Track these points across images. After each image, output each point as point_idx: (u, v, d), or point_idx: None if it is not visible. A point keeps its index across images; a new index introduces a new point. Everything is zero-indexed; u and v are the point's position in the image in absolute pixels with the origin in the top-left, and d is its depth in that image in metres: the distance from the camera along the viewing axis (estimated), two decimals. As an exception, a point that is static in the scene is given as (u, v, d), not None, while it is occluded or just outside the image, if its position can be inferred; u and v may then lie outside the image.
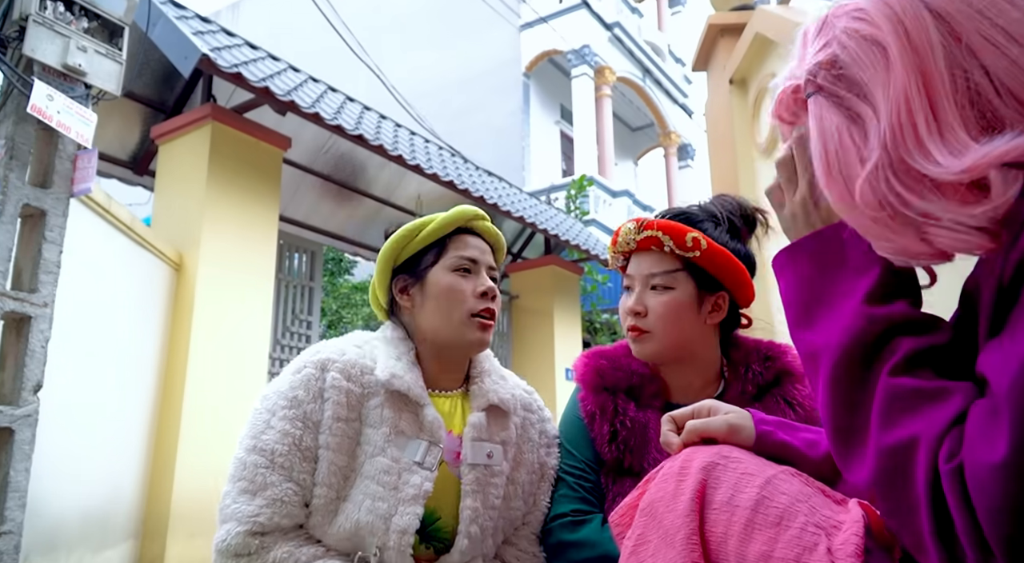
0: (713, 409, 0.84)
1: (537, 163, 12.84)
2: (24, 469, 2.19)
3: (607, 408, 1.24)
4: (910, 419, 0.53)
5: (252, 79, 4.09)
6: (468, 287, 1.20)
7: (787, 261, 0.71)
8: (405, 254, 1.24)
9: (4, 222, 2.22)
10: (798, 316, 0.68)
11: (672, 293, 1.22)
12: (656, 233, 1.23)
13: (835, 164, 0.60)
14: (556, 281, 7.27)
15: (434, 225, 1.23)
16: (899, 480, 0.53)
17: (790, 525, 0.59)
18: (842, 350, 0.60)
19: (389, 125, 5.95)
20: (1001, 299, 0.53)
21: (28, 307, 2.25)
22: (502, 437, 1.22)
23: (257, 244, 4.38)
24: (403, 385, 1.14)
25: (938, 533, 0.50)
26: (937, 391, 0.54)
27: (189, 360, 3.83)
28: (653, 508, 0.65)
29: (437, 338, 1.21)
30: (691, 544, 0.60)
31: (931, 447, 0.51)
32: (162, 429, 3.84)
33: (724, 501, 0.62)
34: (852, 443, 0.58)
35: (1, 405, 2.18)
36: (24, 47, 2.26)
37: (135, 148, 5.27)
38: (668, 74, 15.70)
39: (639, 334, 1.24)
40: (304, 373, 1.14)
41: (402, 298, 1.24)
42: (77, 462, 3.07)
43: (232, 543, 1.04)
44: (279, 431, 1.09)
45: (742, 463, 0.66)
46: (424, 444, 1.13)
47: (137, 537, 3.68)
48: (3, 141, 2.29)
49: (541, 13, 12.87)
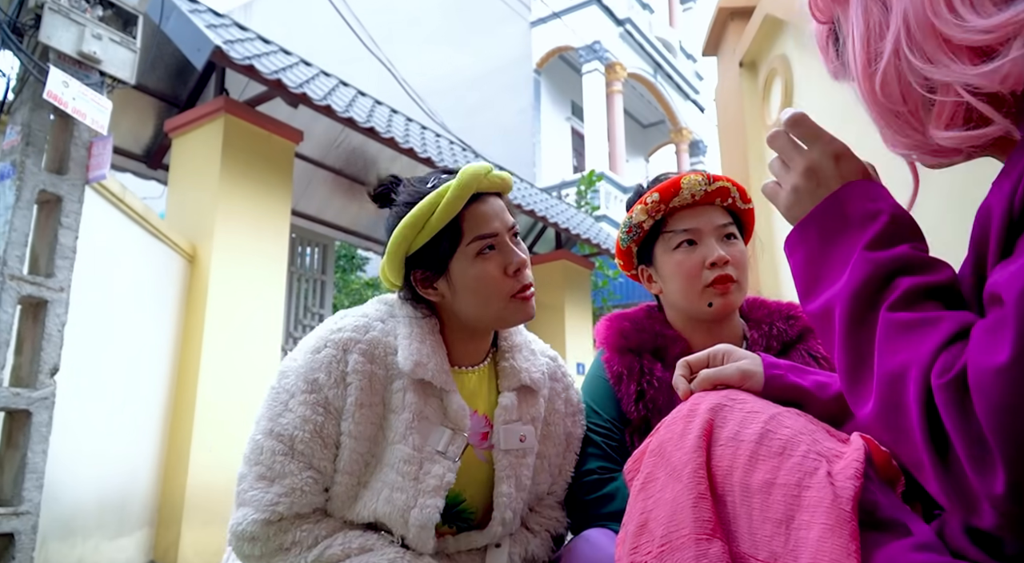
0: (728, 354, 0.84)
1: (548, 159, 12.84)
2: (41, 451, 2.22)
3: (634, 368, 1.24)
4: (904, 346, 0.55)
5: (264, 72, 4.11)
6: (498, 270, 1.09)
7: (798, 239, 0.70)
8: (416, 245, 1.10)
9: (21, 207, 2.25)
10: (808, 286, 0.68)
11: (738, 243, 1.28)
12: (728, 185, 1.27)
13: (873, 56, 0.62)
14: (567, 276, 7.26)
15: (441, 210, 1.08)
16: (895, 405, 0.54)
17: (792, 454, 0.60)
18: (849, 295, 0.61)
19: (400, 119, 5.97)
20: (1011, 226, 0.54)
21: (45, 291, 2.28)
22: (532, 414, 1.17)
23: (270, 237, 4.41)
24: (427, 373, 1.06)
25: (933, 446, 0.52)
26: (931, 319, 0.56)
27: (203, 351, 3.87)
28: (662, 448, 0.66)
29: (478, 323, 1.13)
30: (698, 477, 0.60)
31: (922, 368, 0.53)
32: (176, 419, 3.87)
33: (730, 437, 0.63)
34: (859, 381, 0.59)
35: (19, 387, 2.21)
36: (40, 34, 2.29)
37: (149, 142, 5.31)
38: (679, 70, 15.65)
39: (731, 282, 1.23)
40: (325, 354, 1.06)
41: (428, 293, 1.13)
42: (94, 449, 3.11)
43: (248, 529, 1.01)
44: (299, 416, 1.04)
45: (748, 403, 0.66)
46: (448, 433, 1.07)
47: (152, 525, 3.72)
48: (19, 127, 2.32)
49: (553, 8, 12.86)
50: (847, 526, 0.54)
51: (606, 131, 13.07)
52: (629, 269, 1.38)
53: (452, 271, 1.10)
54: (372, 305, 1.17)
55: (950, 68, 0.56)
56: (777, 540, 0.56)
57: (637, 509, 0.64)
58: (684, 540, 0.59)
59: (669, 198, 1.26)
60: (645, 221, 1.29)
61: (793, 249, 0.70)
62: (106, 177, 2.49)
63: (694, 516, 0.59)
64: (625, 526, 0.65)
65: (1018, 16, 0.53)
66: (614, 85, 13.54)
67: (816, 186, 0.69)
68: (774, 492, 0.58)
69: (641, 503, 0.64)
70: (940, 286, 0.59)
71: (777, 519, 0.57)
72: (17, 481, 2.18)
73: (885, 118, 0.63)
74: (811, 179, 0.70)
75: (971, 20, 0.55)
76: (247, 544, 1.02)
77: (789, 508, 0.57)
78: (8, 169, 2.29)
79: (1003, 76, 0.54)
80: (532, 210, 6.35)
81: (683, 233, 1.26)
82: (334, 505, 1.06)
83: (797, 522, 0.56)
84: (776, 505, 0.58)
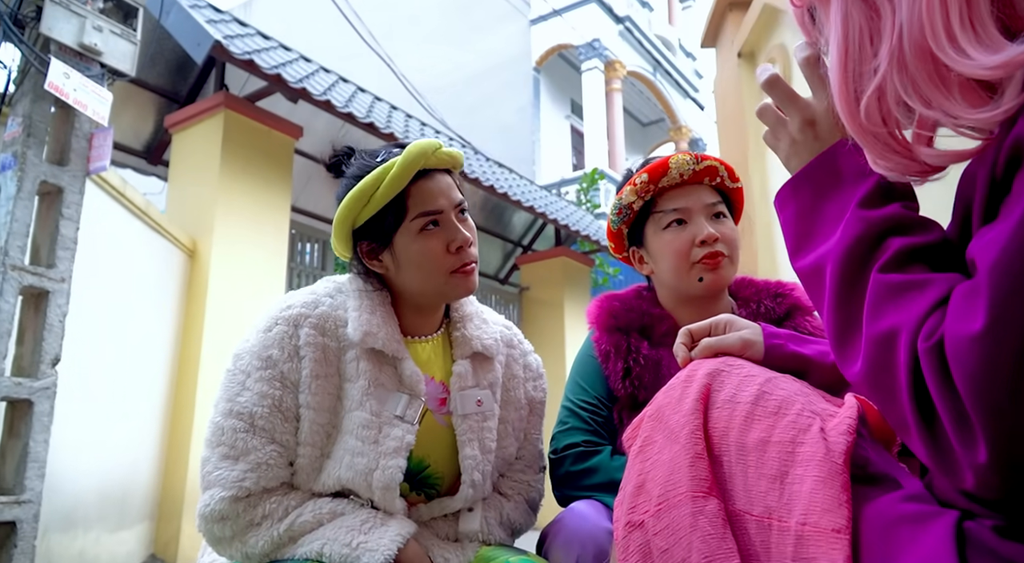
0: (730, 324, 0.85)
1: (547, 158, 12.85)
2: (43, 440, 2.23)
3: (621, 346, 1.27)
4: (894, 309, 0.55)
5: (264, 66, 4.12)
6: (440, 246, 1.11)
7: (790, 194, 0.70)
8: (362, 218, 1.12)
9: (22, 198, 2.26)
10: (798, 242, 0.68)
11: (728, 221, 1.29)
12: (716, 164, 1.28)
13: (851, 71, 0.60)
14: (567, 273, 7.26)
15: (385, 185, 1.09)
16: (884, 367, 0.54)
17: (787, 413, 0.61)
18: (841, 253, 0.61)
19: (400, 116, 5.98)
20: (993, 191, 0.54)
21: (46, 282, 2.29)
22: (488, 380, 1.20)
23: (270, 232, 4.42)
24: (377, 342, 1.09)
25: (919, 411, 0.52)
26: (921, 282, 0.56)
27: (203, 345, 3.87)
28: (660, 412, 0.67)
29: (422, 297, 1.16)
30: (695, 438, 0.61)
31: (912, 331, 0.53)
32: (176, 413, 3.88)
33: (726, 399, 0.64)
34: (847, 341, 0.59)
35: (20, 377, 2.21)
36: (41, 26, 2.30)
37: (149, 138, 5.32)
38: (679, 68, 15.66)
39: (722, 260, 1.25)
40: (276, 331, 1.09)
41: (372, 264, 1.16)
42: (95, 442, 3.12)
43: (217, 508, 1.01)
44: (256, 393, 1.05)
45: (745, 368, 0.67)
46: (404, 397, 1.10)
47: (152, 519, 3.73)
48: (21, 119, 2.33)
49: (553, 6, 12.87)
50: (839, 478, 0.55)
51: (605, 129, 13.08)
52: (620, 251, 1.40)
53: (396, 245, 1.12)
54: (321, 284, 1.19)
55: (943, 106, 0.54)
56: (772, 495, 0.57)
57: (635, 471, 0.65)
58: (681, 498, 0.60)
59: (658, 178, 1.28)
60: (635, 202, 1.31)
61: (784, 204, 0.70)
62: (107, 168, 2.50)
63: (691, 475, 0.60)
64: (623, 488, 0.66)
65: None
66: (613, 83, 13.55)
67: (813, 139, 0.69)
68: (769, 449, 0.59)
69: (639, 465, 0.65)
70: (931, 246, 0.59)
71: (772, 475, 0.58)
72: (19, 470, 2.19)
73: (864, 138, 0.61)
74: (808, 132, 0.70)
75: (978, 56, 0.51)
76: (216, 525, 1.02)
77: (783, 464, 0.58)
78: (10, 160, 2.30)
79: (998, 120, 0.53)
80: (532, 206, 6.35)
81: (673, 212, 1.27)
82: (299, 479, 1.08)
83: (791, 477, 0.57)
84: (771, 462, 0.59)
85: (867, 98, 0.58)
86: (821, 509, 0.54)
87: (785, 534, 0.56)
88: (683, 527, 0.58)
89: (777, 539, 0.56)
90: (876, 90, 0.58)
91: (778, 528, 0.56)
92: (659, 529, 0.60)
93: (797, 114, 0.71)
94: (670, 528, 0.59)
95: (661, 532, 0.60)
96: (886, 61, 0.56)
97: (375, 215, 1.11)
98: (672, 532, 0.59)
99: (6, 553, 2.15)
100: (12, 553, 2.15)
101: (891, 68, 0.56)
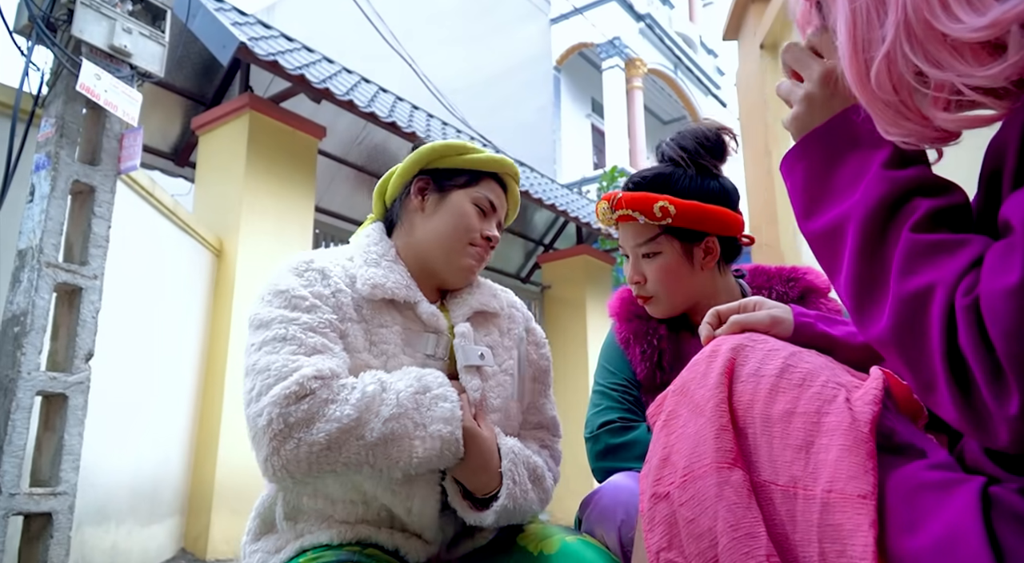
0: (759, 304, 0.86)
1: (568, 156, 12.85)
2: (77, 434, 2.28)
3: (640, 332, 1.32)
4: (929, 267, 0.55)
5: (288, 67, 4.18)
6: (477, 223, 1.20)
7: (801, 154, 0.69)
8: (440, 163, 1.22)
9: (56, 197, 2.31)
10: (810, 202, 0.67)
11: (661, 257, 1.28)
12: (627, 211, 1.28)
13: (860, 43, 0.61)
14: (588, 271, 7.26)
15: (480, 156, 1.22)
16: (915, 324, 0.54)
17: (812, 384, 0.61)
18: (866, 212, 0.61)
19: (421, 115, 6.02)
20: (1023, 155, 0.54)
21: (79, 279, 2.34)
22: (490, 341, 1.20)
23: (294, 231, 4.48)
24: (387, 292, 1.11)
25: (950, 368, 0.52)
26: (956, 242, 0.56)
27: (230, 342, 3.94)
28: (684, 387, 0.67)
29: (426, 253, 1.19)
30: (720, 411, 0.62)
31: (948, 288, 0.53)
32: (205, 409, 3.95)
33: (751, 373, 0.64)
34: (871, 299, 0.59)
35: (55, 372, 2.27)
36: (72, 28, 2.35)
37: (176, 140, 5.41)
38: (700, 65, 15.57)
39: (645, 300, 1.32)
40: (308, 276, 1.09)
41: (416, 197, 1.22)
42: (126, 436, 3.18)
43: (294, 390, 0.94)
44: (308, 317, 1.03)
45: (769, 343, 0.67)
46: (432, 337, 1.14)
47: (183, 513, 3.79)
48: (54, 120, 2.38)
49: (574, 4, 12.87)
50: (864, 446, 0.55)
51: (626, 127, 13.05)
52: None
53: (449, 197, 1.21)
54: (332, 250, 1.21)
55: (954, 68, 0.55)
56: (797, 465, 0.58)
57: (660, 444, 0.65)
58: (706, 469, 0.60)
59: (601, 222, 1.36)
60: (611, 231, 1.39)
61: (793, 165, 0.70)
62: (137, 168, 2.55)
63: (716, 446, 0.61)
64: (648, 460, 0.66)
65: (1018, 7, 0.52)
66: (634, 81, 13.51)
67: (831, 95, 0.68)
68: (794, 420, 0.59)
69: (664, 438, 0.65)
70: (957, 209, 0.60)
71: (797, 445, 0.58)
72: (55, 463, 2.24)
73: (875, 106, 0.61)
74: (826, 87, 0.69)
75: (968, 19, 0.54)
76: (294, 406, 0.94)
77: (809, 434, 0.58)
78: (44, 160, 2.36)
79: (1007, 75, 0.54)
80: (553, 204, 6.36)
81: (620, 247, 1.36)
82: None
83: (816, 446, 0.57)
84: (796, 432, 0.59)
85: (876, 65, 0.59)
86: (847, 476, 0.54)
87: (811, 502, 0.56)
88: (709, 497, 0.59)
89: (803, 508, 0.57)
90: (885, 58, 0.59)
91: (804, 497, 0.57)
92: (685, 500, 0.61)
93: (817, 67, 0.70)
94: (696, 499, 0.60)
95: (687, 503, 0.60)
96: (892, 31, 0.58)
97: (454, 168, 1.22)
98: (698, 503, 0.60)
99: (42, 544, 2.20)
100: (48, 543, 2.20)
101: (899, 36, 0.58)
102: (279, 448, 0.93)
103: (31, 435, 2.20)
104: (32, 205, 2.34)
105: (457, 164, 1.22)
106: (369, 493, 1.05)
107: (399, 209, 1.24)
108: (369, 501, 1.06)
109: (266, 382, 0.97)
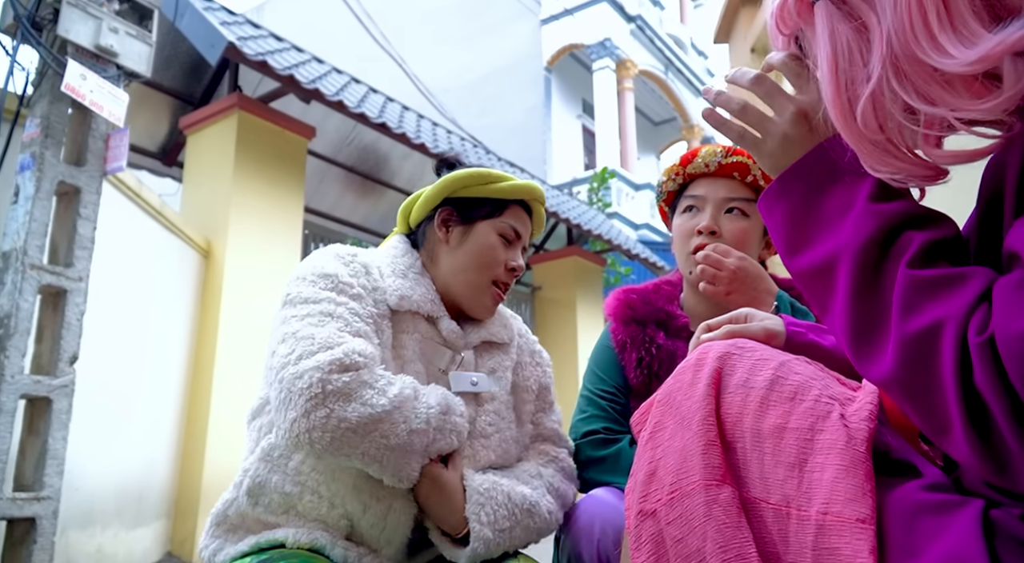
0: (750, 316, 0.85)
1: (559, 157, 12.85)
2: (62, 438, 2.25)
3: (636, 337, 1.30)
4: (933, 304, 0.53)
5: (278, 67, 4.15)
6: (504, 257, 1.20)
7: (781, 192, 0.67)
8: (466, 192, 1.21)
9: (40, 198, 2.28)
10: (795, 239, 0.65)
11: (747, 221, 1.28)
12: (746, 160, 1.28)
13: (843, 81, 0.59)
14: (579, 272, 7.26)
15: (506, 186, 1.21)
16: (925, 364, 0.52)
17: (804, 398, 0.60)
18: (858, 249, 0.59)
19: (412, 116, 6.00)
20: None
21: (64, 281, 2.31)
22: (491, 365, 1.20)
23: (283, 232, 4.45)
24: (413, 305, 1.12)
25: (967, 409, 0.49)
26: (958, 276, 0.53)
27: (218, 344, 3.90)
28: (670, 397, 0.66)
29: (449, 285, 1.19)
30: (707, 425, 0.61)
31: (958, 325, 0.50)
32: (192, 412, 3.91)
33: (739, 384, 0.63)
34: (870, 339, 0.57)
35: (39, 375, 2.24)
36: (58, 28, 2.32)
37: (164, 140, 5.37)
38: (690, 66, 15.61)
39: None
40: (353, 267, 1.10)
41: (440, 229, 1.21)
42: (112, 440, 3.15)
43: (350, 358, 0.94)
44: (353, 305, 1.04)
45: (757, 351, 0.66)
46: (449, 353, 1.15)
47: (169, 517, 3.76)
48: (39, 120, 2.36)
49: (564, 5, 12.87)
50: (862, 466, 0.54)
51: (617, 128, 13.06)
52: (669, 227, 1.45)
53: (474, 229, 1.20)
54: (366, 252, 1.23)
55: (947, 102, 0.54)
56: (790, 483, 0.57)
57: (646, 458, 0.65)
58: (694, 486, 0.59)
59: (686, 165, 1.33)
60: (668, 183, 1.37)
61: (773, 203, 0.67)
62: (123, 169, 2.53)
63: (704, 463, 0.60)
64: (634, 475, 0.65)
65: (1009, 39, 0.50)
66: (625, 82, 13.52)
67: (808, 132, 0.67)
68: (786, 436, 0.59)
69: (650, 452, 0.65)
70: (950, 240, 0.58)
71: (790, 463, 0.58)
72: (38, 467, 2.21)
73: (861, 146, 0.59)
74: (802, 125, 0.67)
75: (958, 54, 0.52)
76: (342, 375, 0.94)
77: (802, 451, 0.58)
78: (28, 161, 2.33)
79: (1005, 108, 0.52)
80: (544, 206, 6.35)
81: (690, 199, 1.32)
82: None
83: (810, 465, 0.57)
84: (788, 449, 0.58)
85: (862, 104, 0.58)
86: (844, 499, 0.53)
87: (805, 523, 0.55)
88: (697, 516, 0.58)
89: (796, 528, 0.56)
90: (870, 96, 0.57)
91: (797, 517, 0.56)
92: (672, 518, 0.60)
93: (789, 106, 0.68)
94: (683, 517, 0.59)
95: (674, 521, 0.60)
96: (879, 67, 0.56)
97: (480, 197, 1.20)
98: (686, 521, 0.59)
99: (26, 549, 2.18)
100: (32, 549, 2.17)
101: (886, 74, 0.56)
102: (311, 413, 0.92)
103: (15, 439, 2.18)
104: (16, 206, 2.31)
105: (483, 194, 1.21)
106: (338, 497, 1.02)
107: (422, 235, 1.25)
108: (335, 503, 1.02)
109: (309, 348, 0.97)
